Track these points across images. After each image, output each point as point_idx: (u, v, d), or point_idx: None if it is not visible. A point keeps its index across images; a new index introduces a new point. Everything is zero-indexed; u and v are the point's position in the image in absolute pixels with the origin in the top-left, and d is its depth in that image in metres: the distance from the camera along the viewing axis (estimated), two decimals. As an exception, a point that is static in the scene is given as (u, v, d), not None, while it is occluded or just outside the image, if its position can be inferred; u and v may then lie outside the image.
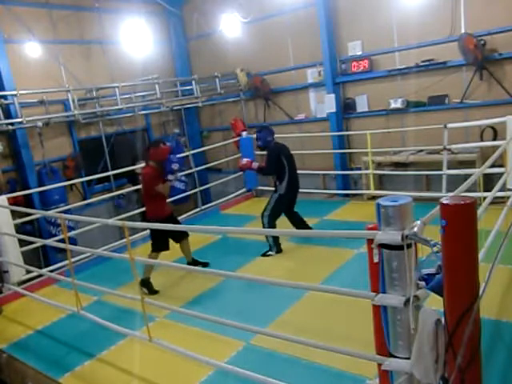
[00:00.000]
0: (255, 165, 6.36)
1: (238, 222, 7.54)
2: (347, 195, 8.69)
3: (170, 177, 5.54)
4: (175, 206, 9.52)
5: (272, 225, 6.16)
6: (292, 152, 6.49)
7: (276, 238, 6.13)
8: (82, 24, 9.08)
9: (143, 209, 8.22)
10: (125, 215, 7.52)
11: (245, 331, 3.65)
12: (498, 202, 5.46)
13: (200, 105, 9.91)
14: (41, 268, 6.77)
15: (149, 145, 5.90)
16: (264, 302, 4.76)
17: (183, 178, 9.50)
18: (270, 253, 6.14)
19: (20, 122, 7.31)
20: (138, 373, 3.91)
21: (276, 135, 6.64)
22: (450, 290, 2.07)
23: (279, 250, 6.16)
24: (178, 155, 6.48)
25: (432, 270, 2.20)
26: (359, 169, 8.55)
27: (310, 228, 6.48)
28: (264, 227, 6.20)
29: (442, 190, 6.78)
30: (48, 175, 7.96)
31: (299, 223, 6.47)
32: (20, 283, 5.99)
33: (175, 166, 5.53)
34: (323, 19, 8.50)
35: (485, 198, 3.91)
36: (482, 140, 7.22)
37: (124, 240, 3.81)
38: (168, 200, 8.52)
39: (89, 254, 6.46)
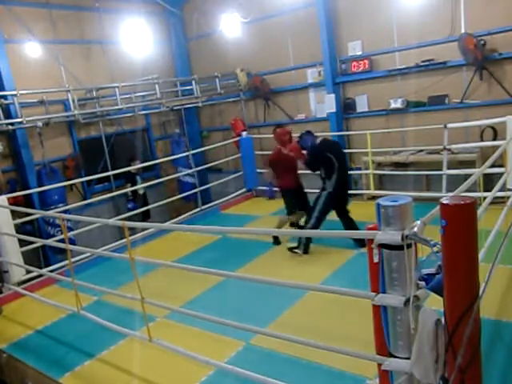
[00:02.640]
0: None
1: (238, 221, 7.54)
2: (347, 195, 8.68)
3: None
4: (187, 203, 9.48)
5: (317, 226, 5.90)
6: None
7: (309, 239, 5.97)
8: (82, 24, 9.08)
9: (143, 209, 8.35)
10: (125, 215, 7.51)
11: (245, 331, 3.65)
12: (498, 202, 5.46)
13: (200, 105, 9.90)
14: (41, 268, 6.76)
15: (275, 128, 6.89)
16: (264, 302, 4.76)
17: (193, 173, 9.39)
18: (297, 250, 6.02)
19: (20, 122, 7.30)
20: (138, 373, 3.91)
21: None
22: (450, 290, 2.07)
23: (306, 252, 6.00)
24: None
25: (432, 270, 2.20)
26: (359, 169, 8.55)
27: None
28: (308, 228, 5.94)
29: (442, 190, 6.78)
30: (48, 175, 7.94)
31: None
32: (20, 283, 5.99)
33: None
34: (323, 19, 8.50)
35: (485, 197, 3.91)
36: (482, 140, 7.22)
37: (124, 240, 3.81)
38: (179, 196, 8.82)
39: (89, 254, 6.45)
